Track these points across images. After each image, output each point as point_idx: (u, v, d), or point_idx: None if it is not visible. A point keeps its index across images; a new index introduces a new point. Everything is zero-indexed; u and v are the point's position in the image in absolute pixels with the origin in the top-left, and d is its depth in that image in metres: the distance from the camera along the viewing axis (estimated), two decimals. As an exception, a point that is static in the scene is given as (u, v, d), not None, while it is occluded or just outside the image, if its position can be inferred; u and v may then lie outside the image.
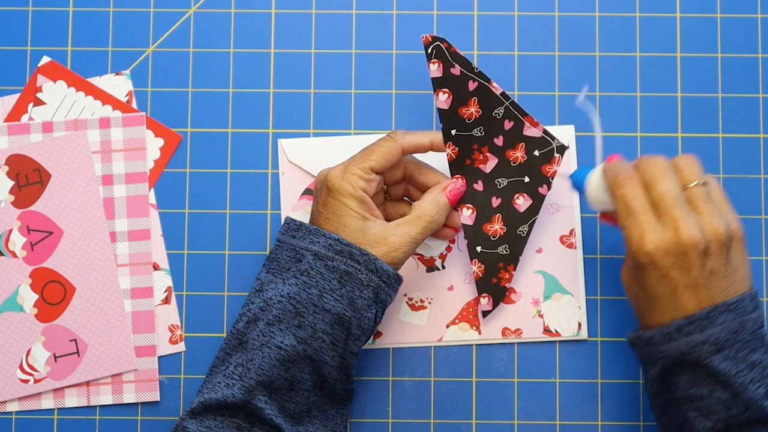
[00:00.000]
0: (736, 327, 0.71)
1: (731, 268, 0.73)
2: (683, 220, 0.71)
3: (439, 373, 0.87)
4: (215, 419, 0.76)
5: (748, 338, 0.71)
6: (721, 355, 0.71)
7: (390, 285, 0.78)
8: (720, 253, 0.72)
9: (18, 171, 0.88)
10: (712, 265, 0.72)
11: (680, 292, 0.72)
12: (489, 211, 0.84)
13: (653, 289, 0.73)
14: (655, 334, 0.73)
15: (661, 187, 0.73)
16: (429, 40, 0.81)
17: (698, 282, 0.71)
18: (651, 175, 0.73)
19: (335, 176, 0.79)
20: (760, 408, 0.71)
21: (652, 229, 0.72)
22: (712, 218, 0.72)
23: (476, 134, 0.83)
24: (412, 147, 0.81)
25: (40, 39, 0.90)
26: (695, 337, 0.71)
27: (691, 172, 0.74)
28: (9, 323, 0.86)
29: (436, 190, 0.82)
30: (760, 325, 0.73)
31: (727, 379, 0.71)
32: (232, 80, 0.90)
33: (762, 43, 0.90)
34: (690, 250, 0.71)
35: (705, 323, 0.71)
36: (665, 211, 0.72)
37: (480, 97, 0.82)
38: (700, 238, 0.71)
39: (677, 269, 0.71)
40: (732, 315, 0.71)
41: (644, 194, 0.73)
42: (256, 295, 0.79)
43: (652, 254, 0.71)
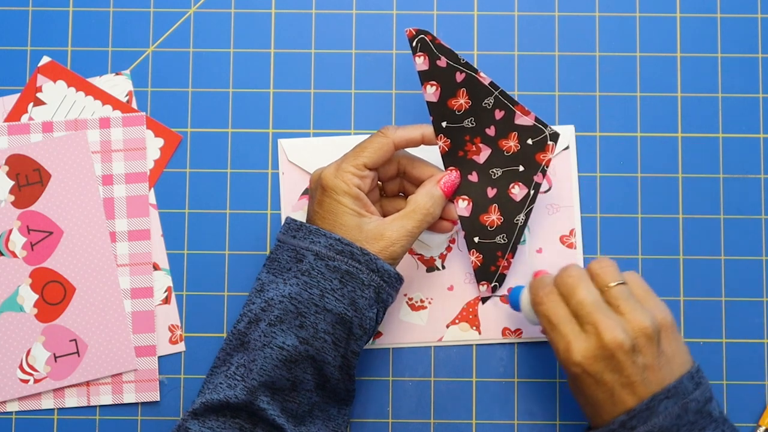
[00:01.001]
0: (678, 411, 0.71)
1: (665, 358, 0.73)
2: (604, 324, 0.71)
3: (439, 373, 0.87)
4: (218, 420, 0.76)
5: (693, 419, 0.72)
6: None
7: (391, 284, 0.78)
8: (649, 347, 0.72)
9: (18, 171, 0.88)
10: (643, 360, 0.72)
11: (618, 392, 0.72)
12: (485, 202, 0.84)
13: (593, 395, 0.73)
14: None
15: (578, 295, 0.73)
16: (413, 34, 0.81)
17: (633, 380, 0.71)
18: (567, 286, 0.74)
19: (329, 175, 0.79)
20: None
21: (576, 339, 0.73)
22: (635, 315, 0.72)
23: (467, 125, 0.83)
24: (403, 141, 0.81)
25: (40, 39, 0.90)
26: (639, 430, 0.71)
27: (607, 275, 0.75)
28: (9, 323, 0.86)
29: (430, 183, 0.82)
30: (705, 401, 0.73)
31: None
32: (232, 80, 0.90)
33: (762, 43, 0.90)
34: (617, 351, 0.71)
35: (647, 414, 0.71)
36: (586, 318, 0.73)
37: (468, 88, 0.82)
38: (624, 338, 0.71)
39: (609, 372, 0.72)
40: (672, 401, 0.71)
41: (564, 306, 0.74)
42: (257, 296, 0.79)
43: (581, 364, 0.72)
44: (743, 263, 0.88)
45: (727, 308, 0.88)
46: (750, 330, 0.88)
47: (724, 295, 0.88)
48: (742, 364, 0.87)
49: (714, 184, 0.89)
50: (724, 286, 0.88)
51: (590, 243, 0.88)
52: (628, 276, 0.76)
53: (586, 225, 0.89)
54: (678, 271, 0.87)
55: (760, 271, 0.88)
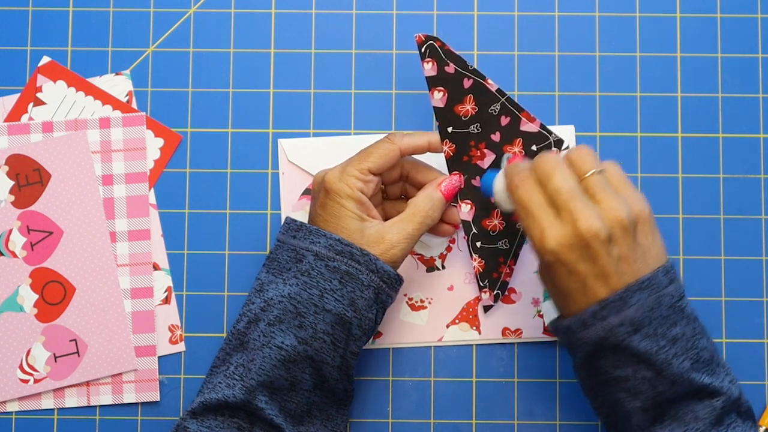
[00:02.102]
0: (652, 304, 0.70)
1: (641, 250, 0.71)
2: (581, 212, 0.70)
3: (439, 373, 0.87)
4: (216, 419, 0.76)
5: (666, 313, 0.71)
6: (639, 335, 0.70)
7: (391, 285, 0.78)
8: (625, 238, 0.70)
9: (18, 171, 0.88)
10: (618, 251, 0.70)
11: (591, 283, 0.71)
12: (488, 207, 0.84)
13: (565, 285, 0.72)
14: (572, 323, 0.72)
15: (554, 182, 0.72)
16: (422, 39, 0.81)
17: (607, 271, 0.70)
18: (544, 172, 0.72)
19: (333, 178, 0.79)
20: (687, 381, 0.70)
21: (551, 226, 0.71)
22: (612, 205, 0.71)
23: (473, 131, 0.83)
24: (410, 149, 0.81)
25: (40, 39, 0.90)
26: (611, 320, 0.70)
27: (585, 163, 0.73)
28: (9, 323, 0.86)
29: (430, 186, 0.82)
30: (678, 297, 0.72)
31: (649, 357, 0.70)
32: (232, 80, 0.90)
33: (762, 43, 0.90)
34: (592, 241, 0.70)
35: (619, 305, 0.70)
36: (562, 205, 0.71)
37: (475, 94, 0.82)
38: (600, 227, 0.69)
39: (583, 262, 0.70)
40: (646, 293, 0.70)
41: (540, 193, 0.73)
42: (257, 296, 0.79)
43: (555, 251, 0.71)
44: (743, 263, 0.88)
45: (727, 308, 0.88)
46: (750, 330, 0.88)
47: (724, 295, 0.88)
48: (742, 364, 0.87)
49: (714, 184, 0.89)
50: (724, 286, 0.88)
51: (590, 243, 0.88)
52: (607, 165, 0.74)
53: (586, 225, 0.89)
54: (678, 270, 0.87)
55: (760, 271, 0.88)
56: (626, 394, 0.72)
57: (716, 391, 0.71)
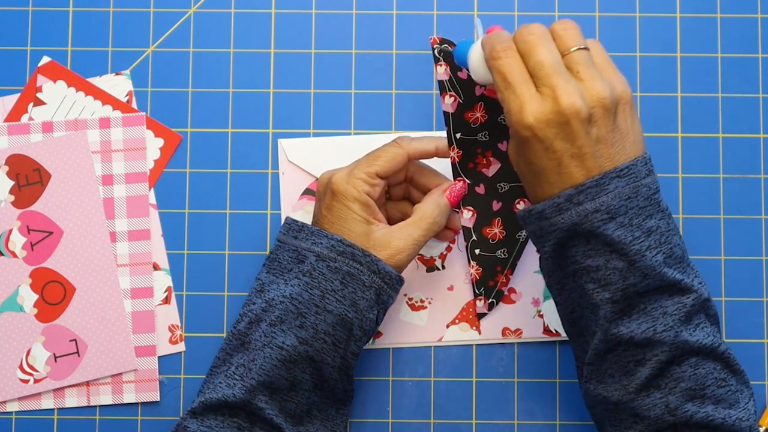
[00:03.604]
0: (629, 193, 0.69)
1: (619, 134, 0.70)
2: (562, 88, 0.68)
3: (439, 373, 0.87)
4: (216, 419, 0.76)
5: (643, 204, 0.69)
6: (614, 223, 0.68)
7: (392, 286, 0.78)
8: (605, 119, 0.69)
9: (18, 171, 0.88)
10: (597, 132, 0.69)
11: (566, 163, 0.69)
12: (489, 215, 0.84)
13: (539, 163, 0.70)
14: (546, 207, 0.70)
15: (538, 55, 0.69)
16: (437, 42, 0.81)
17: (584, 151, 0.68)
18: (527, 44, 0.70)
19: (340, 180, 0.79)
20: (659, 275, 0.69)
21: (531, 100, 0.69)
22: (594, 83, 0.69)
23: (480, 139, 0.83)
24: (418, 153, 0.81)
25: (40, 39, 0.90)
26: (586, 206, 0.68)
27: (570, 37, 0.71)
28: (9, 323, 0.86)
29: (436, 192, 0.82)
30: (655, 190, 0.70)
31: (623, 247, 0.68)
32: (232, 80, 0.90)
33: (762, 43, 0.90)
34: (572, 119, 0.68)
35: (596, 191, 0.68)
36: (543, 80, 0.69)
37: (486, 102, 0.82)
38: (581, 105, 0.68)
39: (560, 140, 0.68)
40: (624, 181, 0.69)
41: (522, 65, 0.70)
42: (257, 296, 0.79)
43: (533, 126, 0.68)
44: (743, 263, 0.88)
45: (727, 308, 0.88)
46: (750, 330, 0.88)
47: (724, 295, 0.88)
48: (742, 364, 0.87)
49: (714, 184, 0.89)
50: (724, 286, 0.88)
51: (590, 243, 0.88)
52: (591, 43, 0.73)
53: (586, 225, 0.89)
54: None
55: (760, 271, 0.88)
56: (595, 285, 0.70)
57: (687, 288, 0.70)
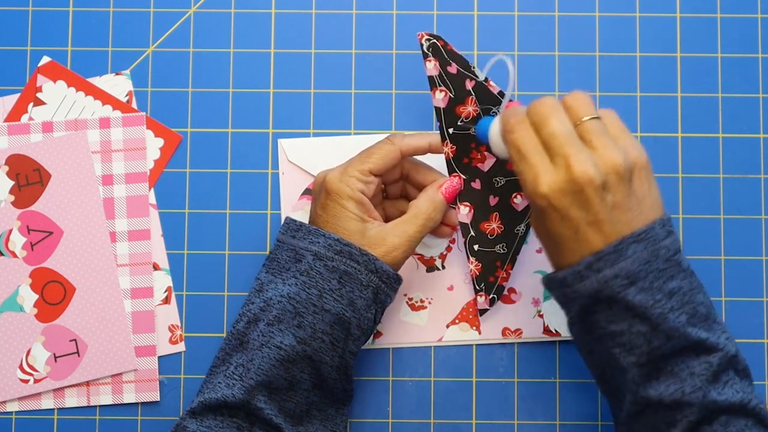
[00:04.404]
0: (648, 257, 0.69)
1: (636, 199, 0.70)
2: (575, 157, 0.69)
3: (439, 373, 0.87)
4: (215, 419, 0.76)
5: (663, 266, 0.69)
6: (635, 288, 0.69)
7: (389, 285, 0.78)
8: (620, 185, 0.69)
9: (18, 171, 0.88)
10: (613, 198, 0.69)
11: (583, 230, 0.69)
12: (486, 210, 0.84)
13: (557, 232, 0.71)
14: (567, 275, 0.71)
15: (550, 126, 0.70)
16: (425, 38, 0.81)
17: (600, 218, 0.69)
18: (540, 116, 0.71)
19: (333, 179, 0.79)
20: (684, 335, 0.69)
21: (544, 170, 0.70)
22: (607, 151, 0.69)
23: (473, 133, 0.83)
24: (411, 150, 0.81)
25: (40, 39, 0.90)
26: (606, 272, 0.69)
27: (582, 108, 0.72)
28: (9, 323, 0.86)
29: (431, 188, 0.82)
30: (675, 251, 0.70)
31: (644, 311, 0.69)
32: (232, 80, 0.90)
33: (762, 43, 0.90)
34: (586, 187, 0.68)
35: (614, 257, 0.69)
36: (556, 150, 0.70)
37: (478, 95, 0.82)
38: (594, 173, 0.68)
39: (576, 208, 0.69)
40: (642, 245, 0.69)
41: (535, 136, 0.71)
42: (256, 295, 0.79)
43: (548, 196, 0.69)
44: (743, 263, 0.88)
45: (727, 308, 0.88)
46: (750, 330, 0.88)
47: (724, 295, 0.88)
48: (742, 364, 0.87)
49: (714, 184, 0.89)
50: (724, 286, 0.88)
51: (590, 243, 0.88)
52: (604, 112, 0.73)
53: (586, 225, 0.89)
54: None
55: (760, 271, 0.88)
56: (621, 349, 0.70)
57: (713, 346, 0.70)
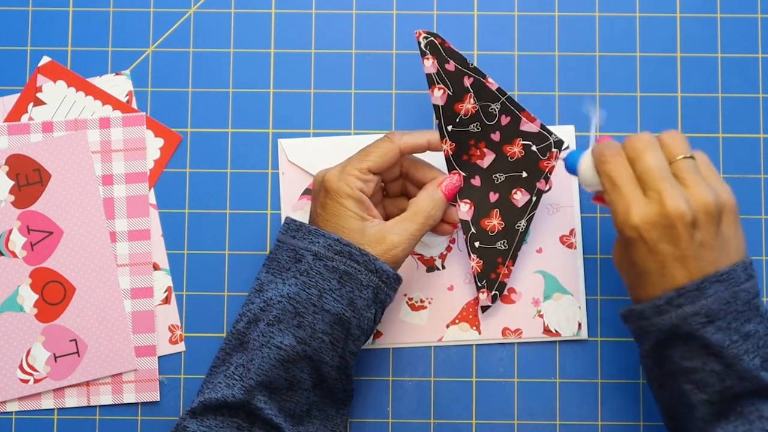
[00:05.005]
0: (728, 297, 0.70)
1: (722, 240, 0.72)
2: (668, 193, 0.70)
3: (439, 373, 0.87)
4: (216, 419, 0.76)
5: (742, 308, 0.71)
6: (713, 327, 0.70)
7: (389, 285, 0.78)
8: (709, 224, 0.71)
9: (18, 171, 0.88)
10: (701, 236, 0.71)
11: (669, 265, 0.71)
12: (487, 207, 0.84)
13: (642, 264, 0.72)
14: (647, 308, 0.72)
15: (646, 161, 0.72)
16: (422, 35, 0.81)
17: (687, 254, 0.70)
18: (636, 150, 0.73)
19: (332, 177, 0.79)
20: (756, 378, 0.70)
21: (637, 202, 0.71)
22: (699, 189, 0.71)
23: (473, 130, 0.83)
24: (409, 147, 0.81)
25: (40, 39, 0.90)
26: (686, 308, 0.70)
27: (677, 146, 0.73)
28: (9, 323, 0.86)
29: (431, 186, 0.82)
30: (754, 295, 0.72)
31: (720, 350, 0.70)
32: (232, 80, 0.90)
33: (762, 43, 0.90)
34: (677, 222, 0.70)
35: (696, 295, 0.70)
36: (650, 184, 0.71)
37: (476, 92, 0.82)
38: (686, 210, 0.70)
39: (665, 242, 0.70)
40: (724, 286, 0.70)
41: (629, 169, 0.73)
42: (256, 295, 0.79)
43: (638, 228, 0.71)
44: (743, 263, 0.88)
45: (727, 308, 0.88)
46: (750, 330, 0.88)
47: (724, 295, 0.88)
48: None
49: (714, 184, 0.89)
50: (724, 286, 0.88)
51: (590, 243, 0.88)
52: (697, 153, 0.75)
53: (586, 225, 0.89)
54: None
55: (760, 271, 0.88)
56: (693, 386, 0.72)
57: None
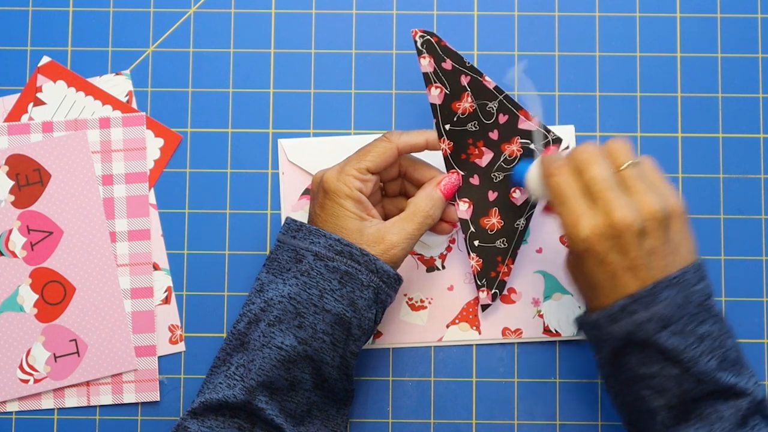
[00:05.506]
0: (681, 301, 0.70)
1: (672, 246, 0.72)
2: (615, 203, 0.70)
3: (439, 373, 0.87)
4: (217, 419, 0.76)
5: (695, 311, 0.71)
6: (668, 331, 0.70)
7: (390, 285, 0.78)
8: (657, 232, 0.71)
9: (18, 171, 0.88)
10: (650, 244, 0.70)
11: (620, 275, 0.71)
12: (486, 205, 0.84)
13: (594, 275, 0.72)
14: (600, 317, 0.72)
15: (591, 171, 0.72)
16: (419, 35, 0.81)
17: (637, 263, 0.70)
18: (581, 161, 0.73)
19: (331, 178, 0.79)
20: (714, 380, 0.70)
21: (584, 214, 0.71)
22: (646, 197, 0.71)
23: (470, 129, 0.83)
24: (407, 147, 0.81)
25: (40, 39, 0.90)
26: (640, 315, 0.70)
27: (622, 155, 0.73)
28: (9, 323, 0.86)
29: (430, 186, 0.82)
30: (707, 296, 0.72)
31: (676, 354, 0.70)
32: (232, 80, 0.90)
33: (762, 43, 0.90)
34: (625, 232, 0.70)
35: (648, 300, 0.70)
36: (597, 195, 0.71)
37: (473, 91, 0.82)
38: (633, 219, 0.70)
39: (614, 253, 0.70)
40: (675, 289, 0.70)
41: (576, 181, 0.73)
42: (257, 296, 0.79)
43: (587, 240, 0.71)
44: (743, 263, 0.88)
45: (727, 308, 0.88)
46: (750, 330, 0.88)
47: (724, 295, 0.88)
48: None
49: (714, 184, 0.89)
50: (724, 286, 0.88)
51: (590, 243, 0.88)
52: (643, 159, 0.75)
53: (586, 225, 0.89)
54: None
55: (760, 271, 0.88)
56: (651, 392, 0.72)
57: (742, 391, 0.71)
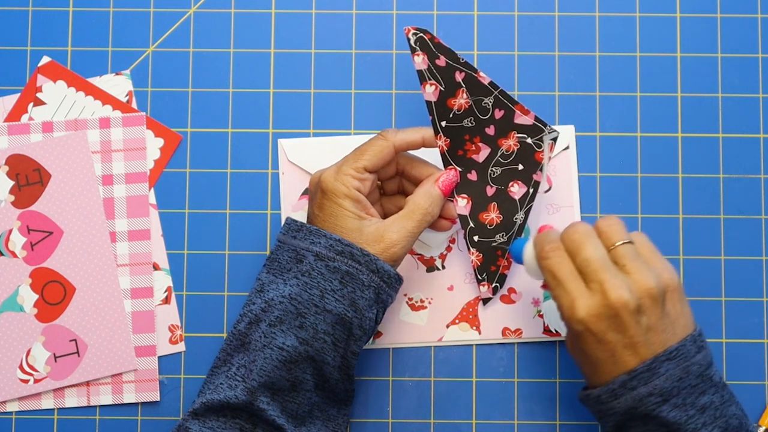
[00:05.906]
0: (680, 374, 0.71)
1: (669, 320, 0.73)
2: (610, 283, 0.71)
3: (439, 373, 0.87)
4: (218, 420, 0.76)
5: (695, 382, 0.72)
6: (669, 405, 0.71)
7: (391, 285, 0.78)
8: (654, 308, 0.72)
9: (18, 171, 0.88)
10: (647, 321, 0.72)
11: (620, 353, 0.72)
12: (484, 201, 0.84)
13: (593, 354, 0.73)
14: (602, 392, 0.73)
15: (584, 252, 0.73)
16: (412, 32, 0.81)
17: (636, 341, 0.71)
18: (574, 242, 0.74)
19: (328, 178, 0.79)
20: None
21: (580, 296, 0.72)
22: (641, 275, 0.72)
23: (467, 125, 0.83)
24: (404, 145, 0.81)
25: (40, 39, 0.90)
26: (640, 390, 0.71)
27: (614, 233, 0.74)
28: (9, 323, 0.86)
29: (428, 183, 0.82)
30: (707, 366, 0.73)
31: (678, 427, 0.71)
32: (232, 80, 0.90)
33: (762, 43, 0.90)
34: (621, 311, 0.71)
35: (648, 375, 0.71)
36: (591, 275, 0.72)
37: (468, 87, 0.82)
38: (629, 298, 0.71)
39: (612, 332, 0.71)
40: (674, 363, 0.71)
41: (570, 263, 0.74)
42: (257, 296, 0.79)
43: (584, 321, 0.72)
44: (743, 263, 0.88)
45: (727, 308, 0.88)
46: (750, 330, 0.88)
47: (724, 295, 0.88)
48: (742, 364, 0.87)
49: (714, 184, 0.89)
50: (724, 286, 0.88)
51: (590, 243, 0.88)
52: (635, 236, 0.75)
53: (586, 225, 0.89)
54: (678, 270, 0.87)
55: (760, 271, 0.88)
56: None
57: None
